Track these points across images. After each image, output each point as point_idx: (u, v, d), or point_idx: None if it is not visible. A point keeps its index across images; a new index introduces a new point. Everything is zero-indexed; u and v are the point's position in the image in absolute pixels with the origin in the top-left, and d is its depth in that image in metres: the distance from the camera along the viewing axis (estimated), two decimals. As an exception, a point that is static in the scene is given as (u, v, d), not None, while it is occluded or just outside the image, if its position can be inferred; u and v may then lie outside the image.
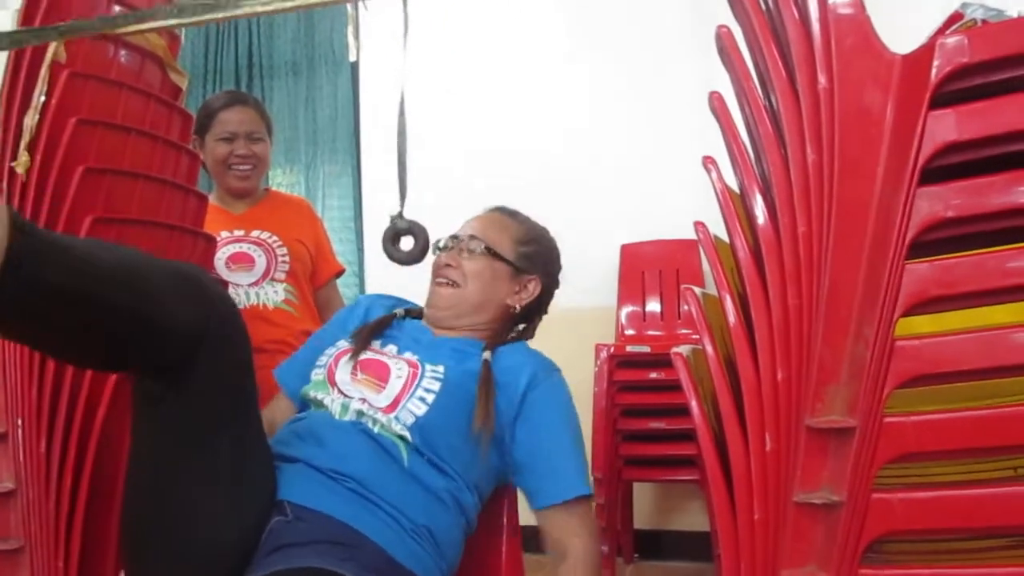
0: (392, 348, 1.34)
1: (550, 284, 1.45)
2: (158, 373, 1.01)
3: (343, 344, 1.35)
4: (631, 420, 2.78)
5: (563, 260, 1.51)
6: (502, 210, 1.47)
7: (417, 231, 1.43)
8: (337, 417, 1.23)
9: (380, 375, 1.27)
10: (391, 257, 1.44)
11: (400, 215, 1.42)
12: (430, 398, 1.23)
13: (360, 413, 1.22)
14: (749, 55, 1.03)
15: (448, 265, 1.39)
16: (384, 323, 1.39)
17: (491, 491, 1.32)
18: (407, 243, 1.46)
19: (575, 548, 1.23)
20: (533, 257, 1.42)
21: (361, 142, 3.68)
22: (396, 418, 1.21)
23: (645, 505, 3.13)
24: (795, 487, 0.90)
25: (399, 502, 1.15)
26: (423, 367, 1.28)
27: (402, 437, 1.20)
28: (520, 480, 1.28)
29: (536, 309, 1.45)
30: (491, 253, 1.38)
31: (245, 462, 1.09)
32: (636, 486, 3.00)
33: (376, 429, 1.20)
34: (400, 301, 1.49)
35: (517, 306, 1.40)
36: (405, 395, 1.23)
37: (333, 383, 1.28)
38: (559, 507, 1.24)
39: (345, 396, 1.25)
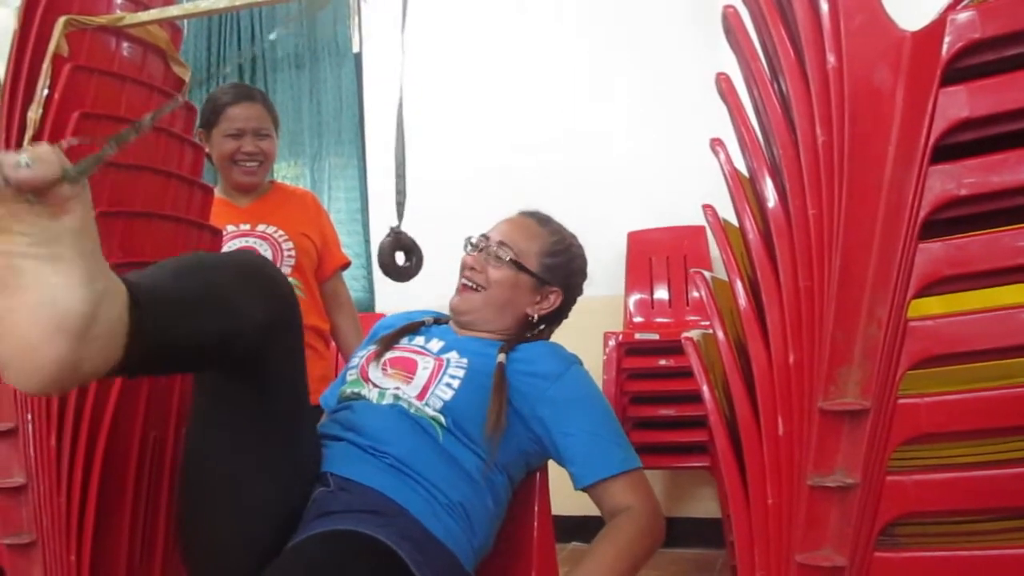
0: (420, 340, 1.41)
1: (571, 296, 1.50)
2: (230, 365, 1.05)
3: (372, 348, 1.42)
4: (640, 407, 2.77)
5: (582, 282, 1.53)
6: (535, 216, 1.51)
7: (413, 249, 1.45)
8: (376, 403, 1.30)
9: (408, 368, 1.34)
10: (386, 271, 1.47)
11: (398, 228, 1.44)
12: (456, 383, 1.29)
13: (396, 398, 1.29)
14: (756, 36, 1.02)
15: (473, 268, 1.44)
16: (411, 328, 1.45)
17: (523, 475, 1.35)
18: (402, 258, 1.49)
19: (630, 509, 1.26)
20: (556, 269, 1.46)
21: (366, 133, 3.67)
22: (427, 403, 1.27)
23: (656, 492, 3.11)
24: (809, 470, 0.89)
25: (435, 478, 1.20)
26: (447, 360, 1.34)
27: (435, 419, 1.25)
28: (567, 466, 1.31)
29: (554, 318, 1.50)
30: (516, 265, 1.42)
31: (299, 438, 1.15)
32: (647, 473, 3.00)
33: (412, 411, 1.26)
34: (425, 313, 1.55)
35: (536, 316, 1.45)
36: (433, 383, 1.29)
37: (367, 379, 1.35)
38: (607, 482, 1.27)
39: (380, 388, 1.32)
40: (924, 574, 0.89)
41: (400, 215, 1.46)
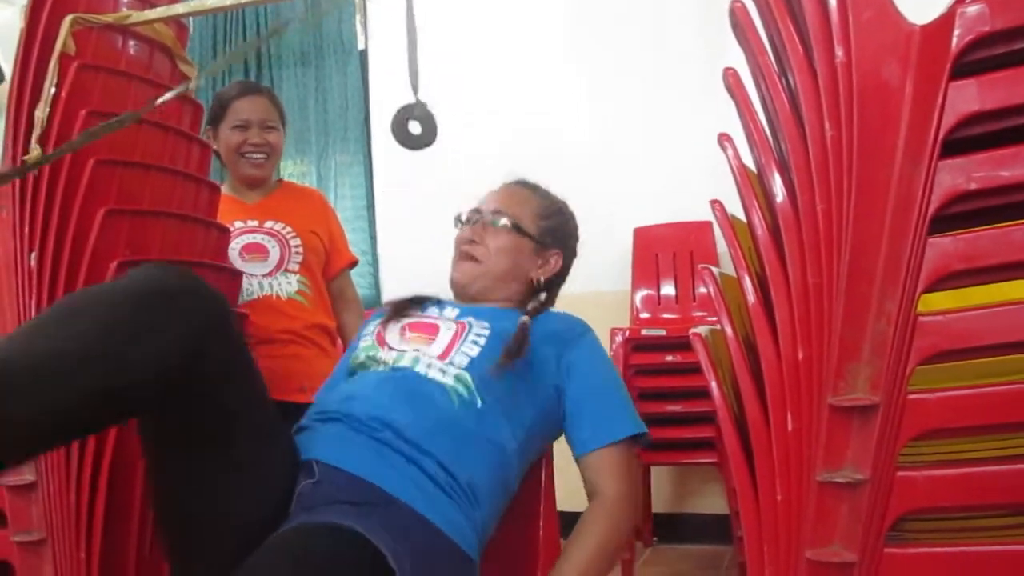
0: (434, 311, 1.37)
1: (570, 257, 1.48)
2: (151, 406, 0.99)
3: (383, 316, 1.37)
4: (647, 403, 2.77)
5: (576, 244, 1.52)
6: (522, 183, 1.50)
7: (424, 117, 1.42)
8: (392, 364, 1.25)
9: (429, 331, 1.30)
10: (403, 142, 1.44)
11: (417, 101, 1.42)
12: (482, 341, 1.26)
13: (416, 360, 1.24)
14: (764, 30, 1.01)
15: (472, 241, 1.41)
16: (420, 300, 1.41)
17: (536, 453, 1.32)
18: (415, 128, 1.46)
19: (604, 489, 1.23)
20: (555, 231, 1.45)
21: (372, 131, 3.67)
22: (451, 362, 1.23)
23: (663, 488, 3.13)
24: (818, 466, 0.89)
25: (437, 451, 1.15)
26: (469, 323, 1.30)
27: (459, 379, 1.21)
28: (568, 432, 1.30)
29: (556, 282, 1.48)
30: (516, 229, 1.41)
31: (261, 449, 1.09)
32: (654, 470, 3.00)
33: (430, 374, 1.22)
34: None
35: (541, 278, 1.43)
36: (456, 343, 1.26)
37: (383, 343, 1.30)
38: (596, 452, 1.25)
39: (398, 350, 1.28)
40: (934, 570, 0.88)
41: (415, 87, 1.43)
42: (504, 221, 1.40)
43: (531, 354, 1.26)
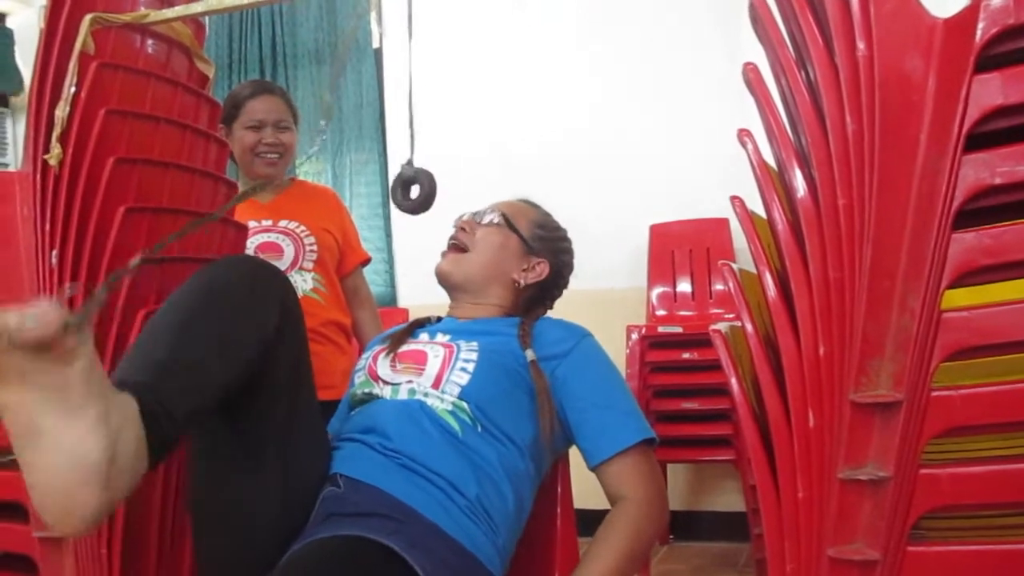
0: (424, 336, 1.37)
1: (558, 274, 1.46)
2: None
3: (378, 347, 1.38)
4: (663, 401, 2.76)
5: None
6: (526, 200, 1.51)
7: (423, 178, 1.40)
8: (390, 399, 1.26)
9: (418, 360, 1.30)
10: (399, 207, 1.43)
11: (409, 163, 1.40)
12: (471, 367, 1.25)
13: (411, 392, 1.25)
14: (783, 24, 1.01)
15: (461, 230, 1.42)
16: (417, 324, 1.42)
17: (548, 465, 1.32)
18: (415, 192, 1.45)
19: (624, 494, 1.22)
20: (546, 241, 1.45)
21: (387, 128, 3.67)
22: (444, 391, 1.23)
23: (679, 486, 3.12)
24: (840, 463, 0.88)
25: (452, 477, 1.16)
26: (457, 346, 1.30)
27: (457, 406, 1.21)
28: (578, 441, 1.29)
29: (541, 297, 1.46)
30: (508, 224, 1.41)
31: (301, 442, 1.12)
32: (670, 467, 2.99)
33: (429, 402, 1.22)
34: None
35: (522, 281, 1.41)
36: (446, 370, 1.26)
37: (376, 378, 1.31)
38: (612, 460, 1.24)
39: (392, 384, 1.28)
40: (958, 568, 0.88)
41: (411, 147, 1.42)
42: (496, 217, 1.42)
43: (527, 375, 1.27)
